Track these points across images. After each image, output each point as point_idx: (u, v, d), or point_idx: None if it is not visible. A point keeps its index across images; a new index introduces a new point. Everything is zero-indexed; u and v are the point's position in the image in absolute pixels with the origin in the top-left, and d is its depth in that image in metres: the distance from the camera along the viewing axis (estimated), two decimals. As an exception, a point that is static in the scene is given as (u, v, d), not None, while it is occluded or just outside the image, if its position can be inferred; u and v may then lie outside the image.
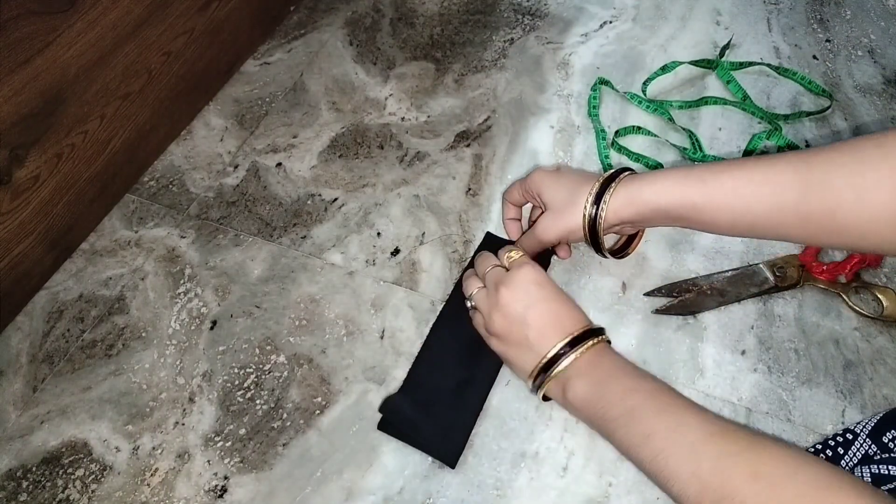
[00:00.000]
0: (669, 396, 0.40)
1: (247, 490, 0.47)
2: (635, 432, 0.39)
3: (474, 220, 0.60)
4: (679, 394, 0.41)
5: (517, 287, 0.46)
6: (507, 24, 0.77)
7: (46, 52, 0.51)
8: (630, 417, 0.39)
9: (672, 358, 0.51)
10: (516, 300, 0.45)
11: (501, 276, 0.47)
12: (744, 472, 0.34)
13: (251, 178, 0.65)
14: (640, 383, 0.42)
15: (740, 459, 0.35)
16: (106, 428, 0.50)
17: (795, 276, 0.53)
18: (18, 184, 0.52)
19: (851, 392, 0.49)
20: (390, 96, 0.71)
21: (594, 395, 0.42)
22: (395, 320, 0.54)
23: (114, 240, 0.61)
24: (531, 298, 0.45)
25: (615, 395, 0.41)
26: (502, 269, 0.48)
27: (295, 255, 0.59)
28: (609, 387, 0.42)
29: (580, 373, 0.43)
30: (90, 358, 0.53)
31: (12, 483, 0.47)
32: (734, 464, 0.35)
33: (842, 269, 0.53)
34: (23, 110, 0.50)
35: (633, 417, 0.39)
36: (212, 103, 0.71)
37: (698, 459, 0.36)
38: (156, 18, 0.60)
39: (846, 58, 0.72)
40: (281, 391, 0.51)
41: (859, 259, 0.53)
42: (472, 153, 0.65)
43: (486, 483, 0.46)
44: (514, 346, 0.46)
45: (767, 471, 0.34)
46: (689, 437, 0.37)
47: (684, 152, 0.64)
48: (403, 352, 0.53)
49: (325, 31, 0.77)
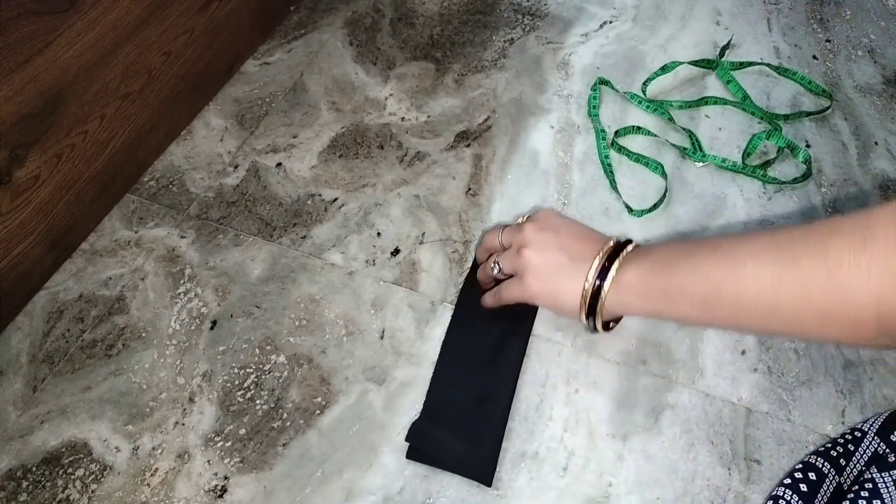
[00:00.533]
0: (732, 242, 0.38)
1: (247, 490, 0.47)
2: (767, 269, 0.35)
3: (474, 220, 0.60)
4: (737, 235, 0.40)
5: (540, 221, 0.47)
6: (507, 24, 0.77)
7: (46, 52, 0.51)
8: (721, 268, 0.37)
9: (672, 358, 0.51)
10: (546, 230, 0.46)
11: (519, 229, 0.48)
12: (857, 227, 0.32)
13: (251, 178, 0.65)
14: (693, 249, 0.40)
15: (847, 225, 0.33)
16: (106, 428, 0.50)
17: None
18: (18, 184, 0.52)
19: (851, 392, 0.49)
20: (390, 96, 0.71)
21: (660, 280, 0.40)
22: (395, 320, 0.54)
23: (114, 240, 0.61)
24: (558, 226, 0.47)
25: (681, 269, 0.39)
26: (515, 228, 0.49)
27: (295, 255, 0.59)
28: (671, 265, 0.40)
29: (637, 266, 0.42)
30: (90, 358, 0.53)
31: (12, 483, 0.47)
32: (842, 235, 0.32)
33: None
34: (23, 110, 0.51)
35: (724, 267, 0.37)
36: (212, 103, 0.71)
37: (825, 251, 0.33)
38: (156, 18, 0.60)
39: (846, 58, 0.72)
40: (281, 391, 0.51)
41: None
42: (472, 153, 0.65)
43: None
44: (554, 277, 0.45)
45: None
46: (790, 250, 0.34)
47: (684, 152, 0.64)
48: (403, 352, 0.53)
49: (325, 31, 0.77)
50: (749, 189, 0.61)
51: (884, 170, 0.62)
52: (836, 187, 0.61)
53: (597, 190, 0.62)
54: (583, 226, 0.48)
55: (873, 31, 0.75)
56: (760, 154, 0.64)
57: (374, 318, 0.55)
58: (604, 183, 0.62)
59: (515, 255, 0.47)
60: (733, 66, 0.70)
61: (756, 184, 0.62)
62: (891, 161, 0.63)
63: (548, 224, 0.47)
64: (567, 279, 0.45)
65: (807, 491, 0.43)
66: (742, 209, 0.60)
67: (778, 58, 0.72)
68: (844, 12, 0.77)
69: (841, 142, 0.65)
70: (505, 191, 0.62)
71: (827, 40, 0.74)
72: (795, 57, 0.72)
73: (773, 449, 0.47)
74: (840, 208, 0.60)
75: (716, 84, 0.70)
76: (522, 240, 0.47)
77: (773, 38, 0.74)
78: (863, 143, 0.65)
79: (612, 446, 0.48)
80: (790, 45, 0.73)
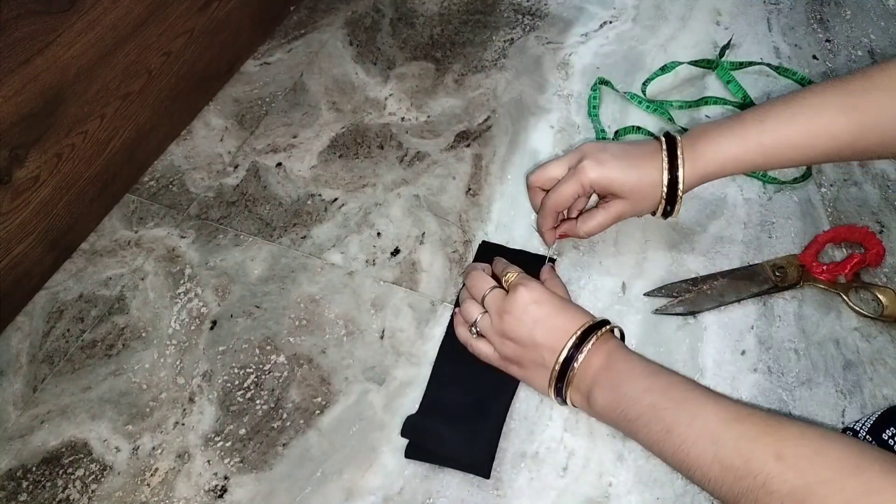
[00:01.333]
0: (684, 388, 0.41)
1: (247, 490, 0.47)
2: (656, 429, 0.39)
3: (474, 220, 0.60)
4: (693, 383, 0.42)
5: (519, 311, 0.46)
6: (507, 24, 0.77)
7: (46, 52, 0.51)
8: (650, 415, 0.40)
9: (672, 358, 0.51)
10: (522, 324, 0.45)
11: (501, 301, 0.47)
12: (766, 453, 0.34)
13: (251, 178, 0.65)
14: (654, 381, 0.42)
15: (761, 441, 0.35)
16: (106, 428, 0.50)
17: (795, 275, 0.53)
18: (18, 184, 0.52)
19: (851, 392, 0.49)
20: (390, 96, 0.71)
21: (614, 401, 0.42)
22: (395, 320, 0.54)
23: (114, 240, 0.61)
24: (534, 319, 0.45)
25: (632, 396, 0.41)
26: (501, 291, 0.48)
27: (295, 255, 0.59)
28: (625, 389, 0.42)
29: (597, 380, 0.43)
30: (90, 358, 0.53)
31: (12, 483, 0.47)
32: (756, 446, 0.35)
33: (842, 270, 0.53)
34: (23, 110, 0.51)
35: (652, 415, 0.40)
36: (212, 103, 0.71)
37: (718, 444, 0.36)
38: (156, 18, 0.60)
39: (846, 58, 0.72)
40: (281, 391, 0.51)
41: (859, 259, 0.53)
42: (472, 153, 0.65)
43: (486, 483, 0.46)
44: (531, 368, 0.46)
45: (791, 451, 0.34)
46: (708, 426, 0.37)
47: (684, 152, 0.64)
48: (403, 352, 0.53)
49: (325, 31, 0.77)
50: (749, 189, 0.61)
51: (884, 170, 0.62)
52: (836, 187, 0.61)
53: (597, 190, 0.62)
54: (556, 316, 0.46)
55: (873, 31, 0.75)
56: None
57: (374, 318, 0.55)
58: (604, 183, 0.62)
59: (491, 330, 0.47)
60: (733, 65, 0.70)
61: (756, 184, 0.61)
62: (891, 161, 0.63)
63: (525, 314, 0.46)
64: (539, 378, 0.46)
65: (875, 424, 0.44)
66: (742, 209, 0.60)
67: (778, 58, 0.72)
68: (844, 12, 0.77)
69: (841, 142, 0.65)
70: (505, 191, 0.62)
71: (827, 40, 0.74)
72: (795, 57, 0.72)
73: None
74: (840, 208, 0.60)
75: (716, 84, 0.70)
76: (500, 326, 0.47)
77: (773, 38, 0.74)
78: (863, 143, 0.65)
79: (612, 446, 0.48)
80: (790, 45, 0.73)
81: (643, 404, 0.41)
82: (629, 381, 0.42)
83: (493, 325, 0.47)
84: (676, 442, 0.38)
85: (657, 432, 0.39)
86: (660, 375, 0.42)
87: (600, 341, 0.44)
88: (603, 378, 0.43)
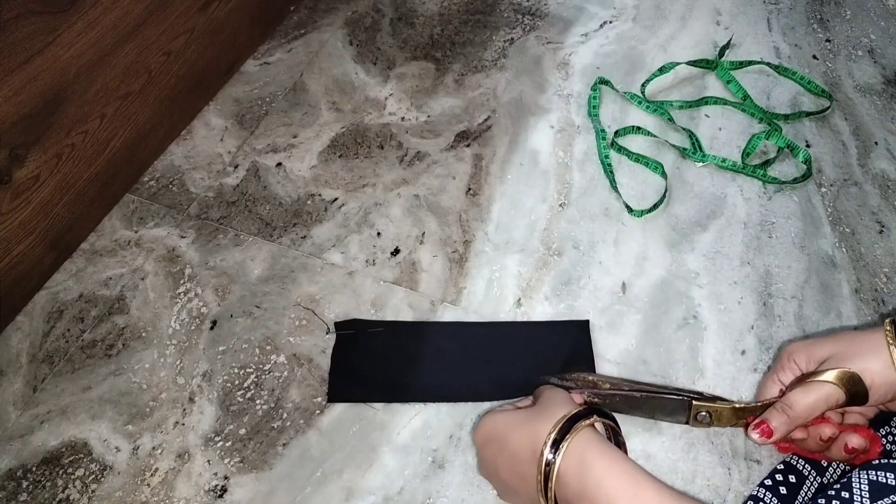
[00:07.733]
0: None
1: (247, 490, 0.47)
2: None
3: (474, 220, 0.60)
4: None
5: (481, 459, 0.44)
6: (507, 24, 0.77)
7: (46, 52, 0.51)
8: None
9: (672, 358, 0.51)
10: (489, 474, 0.44)
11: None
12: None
13: (251, 178, 0.65)
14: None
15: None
16: (106, 428, 0.50)
17: (724, 421, 0.44)
18: (18, 184, 0.52)
19: (851, 392, 0.49)
20: (390, 96, 0.71)
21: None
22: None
23: (114, 240, 0.61)
24: (494, 462, 0.43)
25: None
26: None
27: (295, 255, 0.59)
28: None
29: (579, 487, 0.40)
30: (90, 358, 0.53)
31: (12, 483, 0.47)
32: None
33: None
34: (23, 110, 0.50)
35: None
36: (212, 103, 0.71)
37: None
38: (156, 18, 0.60)
39: (846, 58, 0.72)
40: (281, 391, 0.51)
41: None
42: (472, 153, 0.65)
43: (486, 483, 0.46)
44: (521, 496, 0.43)
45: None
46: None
47: (684, 152, 0.64)
48: (403, 352, 0.53)
49: (325, 31, 0.77)
50: (749, 189, 0.61)
51: (884, 170, 0.62)
52: (836, 187, 0.61)
53: (597, 190, 0.62)
54: (517, 442, 0.41)
55: (873, 31, 0.75)
56: (760, 154, 0.64)
57: (374, 318, 0.55)
58: (604, 183, 0.62)
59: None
60: (733, 65, 0.70)
61: (756, 184, 0.62)
62: (891, 161, 0.63)
63: (490, 472, 0.44)
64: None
65: (786, 493, 0.43)
66: (742, 209, 0.60)
67: (778, 58, 0.72)
68: (844, 12, 0.77)
69: (841, 142, 0.65)
70: (505, 191, 0.62)
71: (827, 40, 0.74)
72: (795, 57, 0.72)
73: (772, 449, 0.47)
74: (840, 208, 0.60)
75: (716, 84, 0.70)
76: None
77: (773, 38, 0.74)
78: (863, 142, 0.65)
79: (612, 446, 0.47)
80: (790, 45, 0.73)
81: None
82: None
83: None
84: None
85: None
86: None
87: (572, 447, 0.39)
88: (583, 484, 0.39)
